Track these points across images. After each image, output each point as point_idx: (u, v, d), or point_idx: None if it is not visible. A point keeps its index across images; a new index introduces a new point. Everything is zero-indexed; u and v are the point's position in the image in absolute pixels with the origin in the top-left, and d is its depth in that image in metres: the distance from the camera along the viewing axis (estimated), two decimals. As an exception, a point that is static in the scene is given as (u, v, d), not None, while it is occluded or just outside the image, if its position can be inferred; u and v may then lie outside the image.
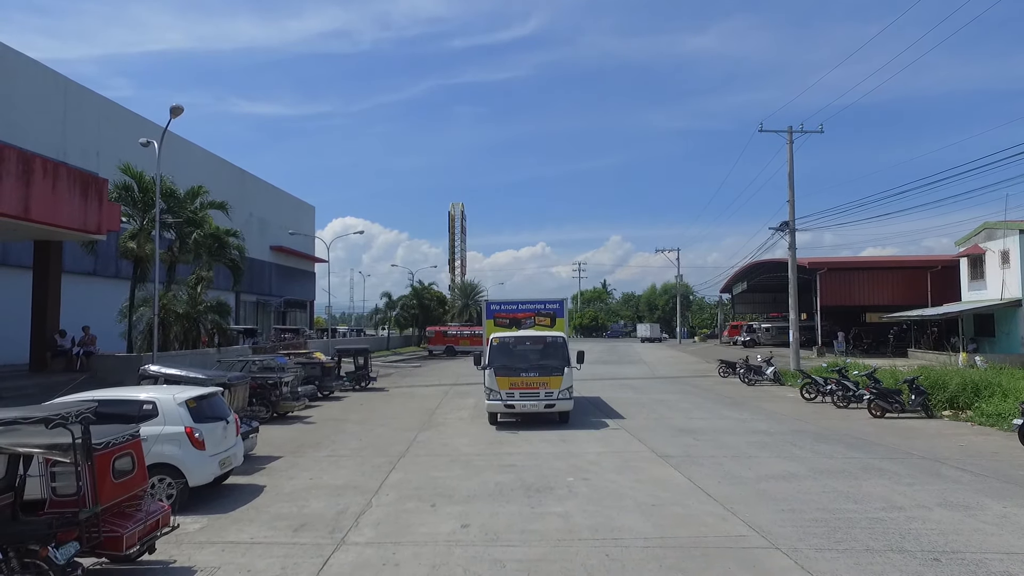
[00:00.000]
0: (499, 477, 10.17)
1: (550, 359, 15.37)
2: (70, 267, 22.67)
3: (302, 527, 7.76)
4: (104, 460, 5.80)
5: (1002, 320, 30.96)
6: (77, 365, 18.48)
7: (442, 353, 50.79)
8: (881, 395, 16.57)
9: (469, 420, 16.53)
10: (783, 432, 14.26)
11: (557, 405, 15.15)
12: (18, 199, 14.99)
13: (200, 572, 6.33)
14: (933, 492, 9.06)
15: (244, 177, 46.07)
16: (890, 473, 10.24)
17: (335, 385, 22.95)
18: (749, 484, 9.57)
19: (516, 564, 6.42)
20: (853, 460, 11.24)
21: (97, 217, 17.77)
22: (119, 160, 29.12)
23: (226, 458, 9.17)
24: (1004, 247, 30.50)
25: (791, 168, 30.24)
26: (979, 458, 11.48)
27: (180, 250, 22.61)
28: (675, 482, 9.78)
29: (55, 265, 18.93)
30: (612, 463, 11.13)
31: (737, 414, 17.22)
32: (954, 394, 16.69)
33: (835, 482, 9.63)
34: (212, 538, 7.38)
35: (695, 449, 12.33)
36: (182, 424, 8.54)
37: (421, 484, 9.81)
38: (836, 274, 40.86)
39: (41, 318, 18.62)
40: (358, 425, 15.99)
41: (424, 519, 8.02)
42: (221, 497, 9.10)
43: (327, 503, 8.80)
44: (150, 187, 20.79)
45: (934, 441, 13.26)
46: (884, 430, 14.63)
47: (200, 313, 23.20)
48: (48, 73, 28.08)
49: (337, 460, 11.73)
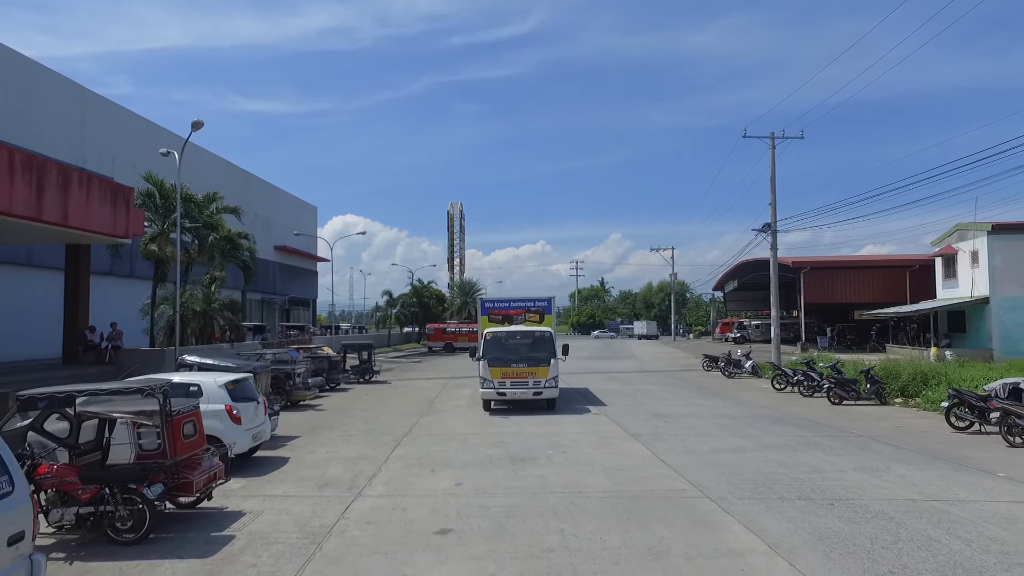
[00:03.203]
0: (489, 451, 11.85)
1: (538, 351, 17.03)
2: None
3: (325, 485, 9.44)
4: (177, 424, 7.47)
5: (972, 317, 32.65)
6: (106, 358, 20.11)
7: (441, 349, 52.46)
8: (839, 384, 18.27)
9: (465, 408, 18.21)
10: (746, 416, 15.94)
11: (544, 393, 16.82)
12: (58, 207, 16.63)
13: (249, 514, 8.00)
14: (853, 460, 10.75)
15: (249, 179, 47.77)
16: (825, 447, 11.93)
17: (341, 378, 24.61)
18: (702, 455, 11.25)
19: (498, 508, 8.10)
20: (798, 438, 12.93)
21: (125, 222, 19.41)
22: (133, 164, 30.91)
23: (257, 432, 10.86)
24: (974, 247, 32.16)
25: (773, 172, 31.88)
26: (908, 436, 13.17)
27: (198, 252, 24.25)
28: (639, 454, 11.46)
29: (84, 266, 20.57)
30: (588, 440, 12.81)
31: (710, 402, 18.91)
32: (905, 383, 18.37)
33: (775, 454, 11.31)
34: (253, 493, 9.06)
35: (664, 430, 14.01)
36: (223, 403, 10.22)
37: (422, 456, 11.49)
38: (819, 273, 42.55)
39: (73, 315, 20.27)
40: (365, 412, 17.67)
41: (425, 480, 9.70)
42: (254, 466, 10.78)
43: (344, 469, 10.48)
44: (170, 194, 22.45)
45: (877, 423, 14.96)
46: (837, 414, 16.33)
47: (215, 311, 24.89)
48: (67, 83, 29.72)
49: (349, 439, 13.42)
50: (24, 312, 25.36)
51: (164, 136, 36.48)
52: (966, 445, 12.12)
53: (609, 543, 6.76)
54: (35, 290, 26.10)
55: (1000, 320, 30.50)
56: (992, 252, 30.71)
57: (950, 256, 34.48)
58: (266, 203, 49.26)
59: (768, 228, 32.71)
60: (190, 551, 6.71)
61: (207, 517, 7.89)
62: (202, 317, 24.07)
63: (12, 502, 4.14)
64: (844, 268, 43.69)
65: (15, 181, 15.13)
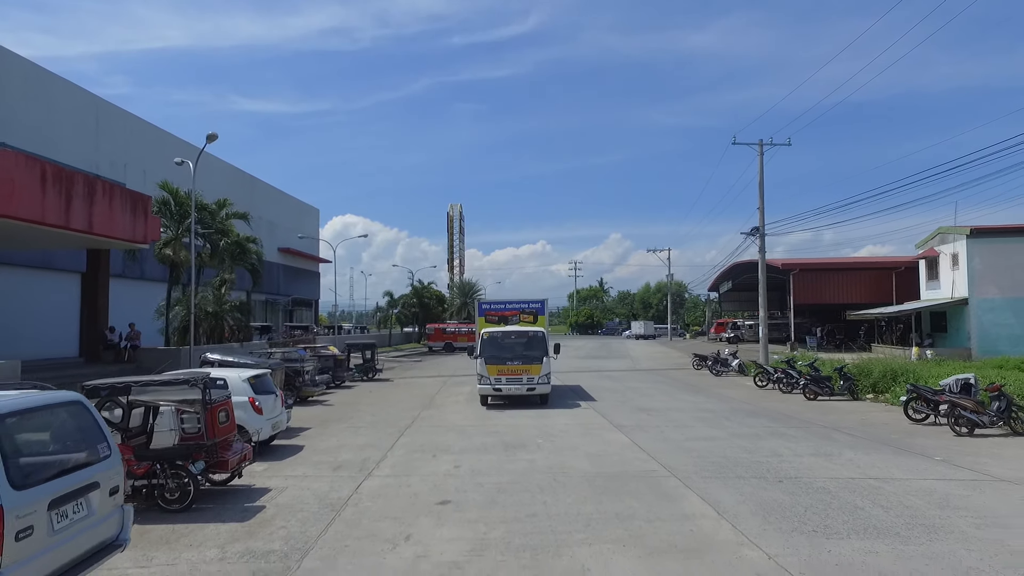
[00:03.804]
0: (485, 439, 13.08)
1: (532, 350, 18.26)
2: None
3: (339, 467, 10.67)
4: (214, 411, 8.68)
5: (952, 317, 33.89)
6: (125, 357, 21.34)
7: (441, 349, 53.65)
8: (814, 381, 19.50)
9: (464, 403, 19.43)
10: (724, 411, 17.16)
11: (537, 388, 18.04)
12: (84, 216, 17.83)
13: (274, 490, 9.23)
14: (811, 447, 11.97)
15: (254, 183, 49.02)
16: (789, 436, 13.15)
17: (346, 376, 25.84)
18: (676, 443, 12.47)
19: (491, 485, 9.32)
20: (767, 428, 14.15)
21: (143, 229, 20.60)
22: (144, 170, 32.17)
23: (276, 422, 12.09)
24: (954, 250, 33.39)
25: (761, 179, 33.13)
26: (869, 427, 14.39)
27: (210, 256, 25.49)
28: (620, 442, 12.69)
29: (104, 270, 21.82)
30: (575, 431, 14.03)
31: (693, 398, 20.13)
32: (876, 380, 19.56)
33: (743, 441, 12.53)
34: (275, 474, 10.27)
35: (646, 422, 15.23)
36: (246, 395, 11.43)
37: (424, 444, 12.71)
38: (809, 274, 43.79)
39: (93, 316, 21.52)
40: (370, 406, 18.89)
41: (427, 463, 10.93)
42: (273, 452, 11.99)
43: (354, 455, 11.70)
44: (184, 201, 23.67)
45: (843, 416, 16.18)
46: (809, 409, 17.56)
47: (225, 312, 26.12)
48: (82, 93, 30.91)
49: (356, 430, 14.64)
50: (41, 313, 26.60)
51: (173, 143, 37.77)
52: (917, 435, 13.34)
53: (584, 510, 7.98)
54: (51, 292, 27.31)
55: (979, 320, 31.73)
56: (971, 255, 31.93)
57: (933, 259, 35.73)
58: (270, 206, 50.49)
59: (756, 232, 34.02)
60: (229, 517, 7.93)
61: (239, 492, 9.12)
62: (213, 318, 25.30)
63: (111, 463, 5.35)
64: (833, 270, 44.92)
65: (47, 192, 16.34)
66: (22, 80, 26.77)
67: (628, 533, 7.13)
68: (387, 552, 6.66)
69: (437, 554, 6.56)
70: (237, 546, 6.89)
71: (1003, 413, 13.10)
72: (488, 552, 6.59)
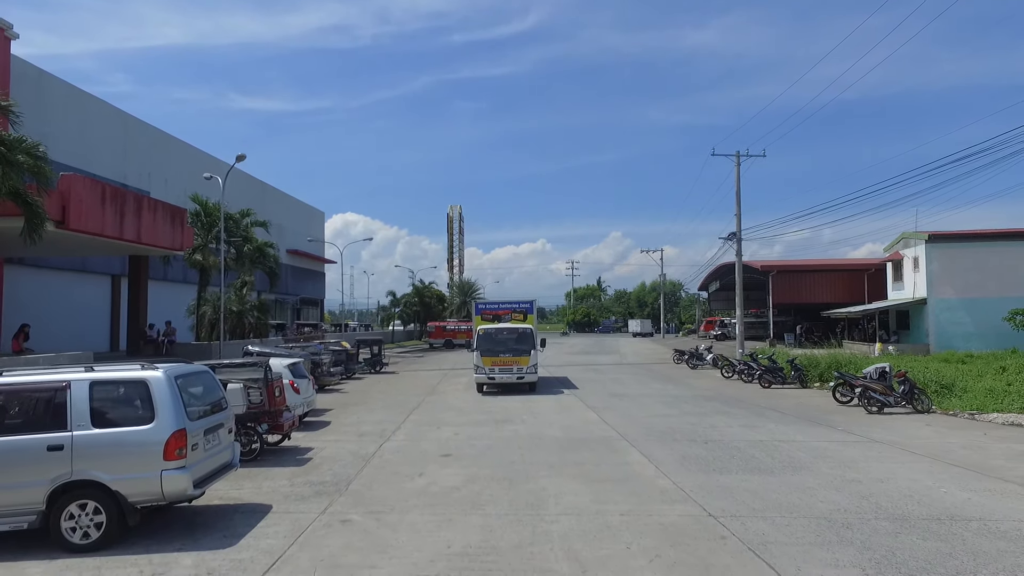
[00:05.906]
0: (479, 416, 15.87)
1: (521, 344, 21.05)
2: (122, 272, 28.31)
3: (362, 435, 13.46)
4: (272, 387, 11.46)
5: (914, 316, 36.70)
6: (163, 351, 24.11)
7: (442, 346, 56.48)
8: (768, 371, 22.29)
9: (462, 391, 22.21)
10: (687, 396, 19.95)
11: (526, 378, 20.83)
12: (134, 228, 20.64)
13: (316, 448, 12.02)
14: (743, 421, 14.75)
15: (265, 188, 51.83)
16: (731, 415, 15.92)
17: (355, 368, 28.62)
18: (635, 419, 15.26)
19: (483, 445, 12.12)
20: (715, 409, 16.93)
21: (180, 237, 23.42)
22: (167, 179, 35.02)
23: (309, 400, 14.90)
24: (915, 254, 36.19)
25: (738, 187, 35.84)
26: (801, 408, 17.16)
27: (235, 260, 28.28)
28: (589, 418, 15.48)
29: (144, 273, 24.57)
30: (555, 410, 16.84)
31: (664, 386, 22.93)
32: (823, 370, 22.34)
33: (691, 418, 15.31)
34: (313, 440, 13.07)
35: (616, 404, 18.02)
36: (287, 378, 14.20)
37: (430, 420, 15.50)
38: (786, 275, 46.61)
39: (135, 314, 24.27)
40: (381, 394, 21.70)
41: (433, 432, 13.72)
42: (307, 426, 14.77)
43: (373, 427, 14.50)
44: (212, 211, 26.44)
45: (785, 400, 18.96)
46: (759, 395, 20.34)
47: (247, 311, 28.91)
48: (111, 109, 33.68)
49: (372, 410, 17.43)
50: (78, 312, 29.36)
51: (195, 154, 40.66)
52: (837, 413, 16.12)
53: (550, 460, 10.77)
54: (87, 293, 30.10)
55: (936, 319, 34.52)
56: (930, 259, 34.72)
57: (898, 261, 38.54)
58: (279, 210, 53.26)
59: (734, 236, 36.81)
60: (288, 463, 10.73)
61: (290, 450, 11.92)
62: (237, 316, 28.09)
63: (228, 413, 8.13)
64: (810, 271, 47.72)
65: (105, 209, 19.14)
66: (62, 99, 29.52)
67: (580, 471, 9.92)
68: (407, 482, 9.45)
69: (442, 482, 9.36)
70: (300, 479, 9.69)
71: (907, 395, 15.90)
72: (477, 481, 9.38)
